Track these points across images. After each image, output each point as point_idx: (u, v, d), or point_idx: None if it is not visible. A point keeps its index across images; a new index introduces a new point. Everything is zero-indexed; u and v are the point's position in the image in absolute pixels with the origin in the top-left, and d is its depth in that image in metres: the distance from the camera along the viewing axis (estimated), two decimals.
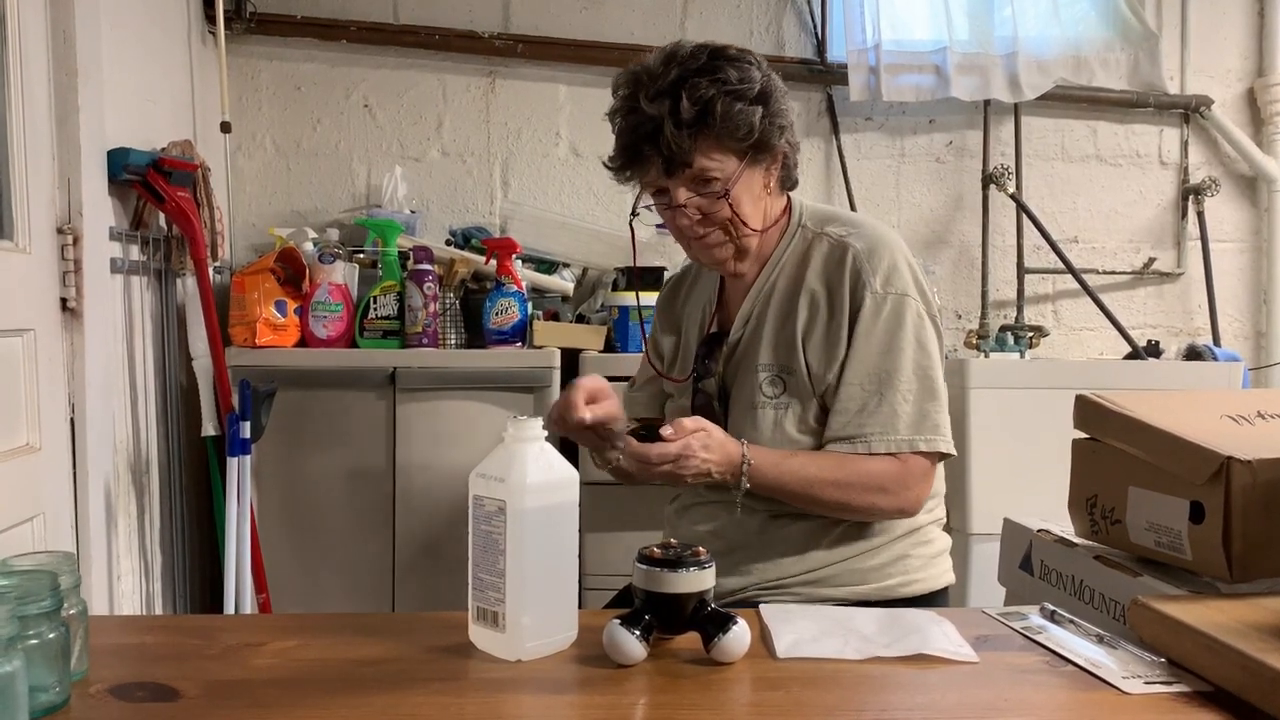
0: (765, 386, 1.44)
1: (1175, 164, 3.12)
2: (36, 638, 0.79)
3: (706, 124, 1.34)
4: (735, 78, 1.36)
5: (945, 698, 0.87)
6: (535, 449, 0.96)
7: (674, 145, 1.34)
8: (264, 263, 2.49)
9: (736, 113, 1.35)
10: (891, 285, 1.40)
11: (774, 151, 1.42)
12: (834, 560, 1.42)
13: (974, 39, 2.96)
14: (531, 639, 0.94)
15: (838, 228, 1.46)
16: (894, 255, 1.42)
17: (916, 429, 1.38)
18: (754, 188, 1.43)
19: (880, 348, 1.38)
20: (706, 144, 1.36)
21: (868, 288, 1.39)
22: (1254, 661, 0.80)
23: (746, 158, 1.39)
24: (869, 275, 1.39)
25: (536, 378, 2.43)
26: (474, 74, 2.98)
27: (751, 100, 1.36)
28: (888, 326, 1.39)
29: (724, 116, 1.34)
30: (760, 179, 1.43)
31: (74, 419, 1.94)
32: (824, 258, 1.44)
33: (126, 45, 2.21)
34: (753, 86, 1.37)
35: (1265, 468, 0.98)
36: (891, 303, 1.39)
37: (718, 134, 1.35)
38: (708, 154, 1.37)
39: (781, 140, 1.42)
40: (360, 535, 2.45)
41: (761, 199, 1.44)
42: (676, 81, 1.35)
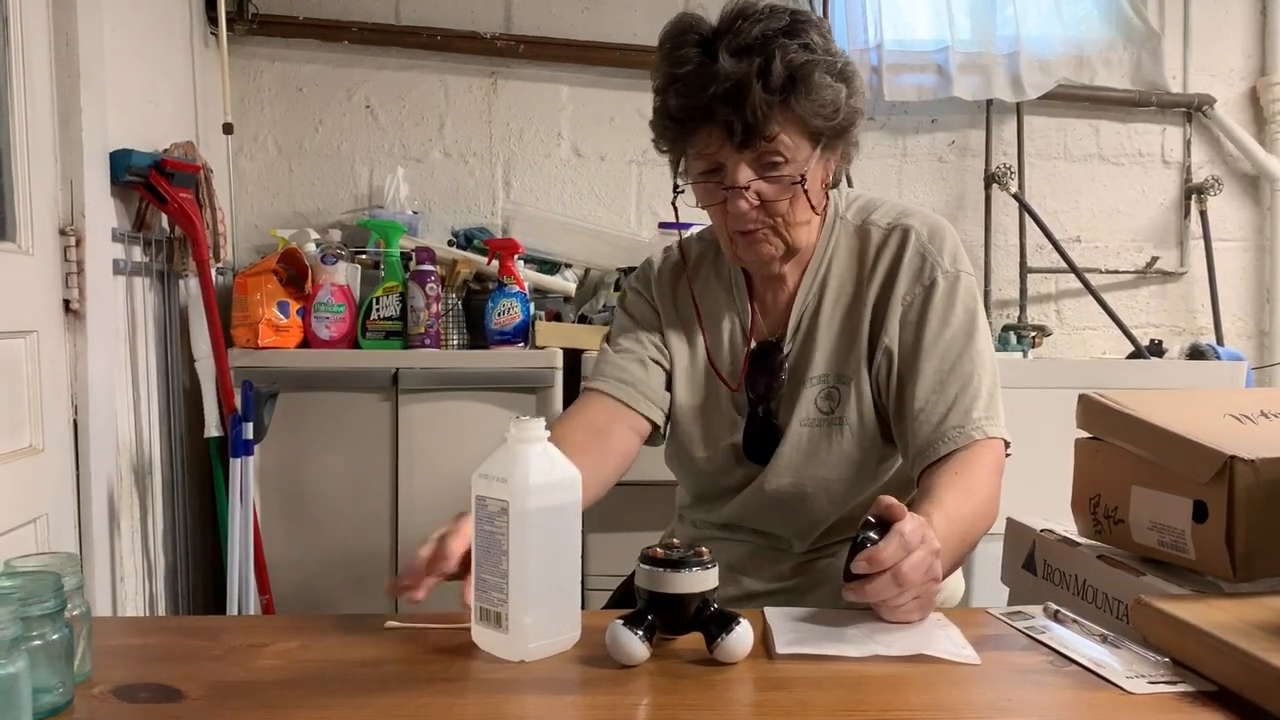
0: (820, 401, 1.30)
1: (1178, 163, 3.12)
2: (40, 639, 0.79)
3: (796, 92, 1.15)
4: (822, 47, 1.18)
5: (949, 697, 0.86)
6: (538, 449, 0.96)
7: (760, 112, 1.14)
8: (266, 264, 2.49)
9: (824, 87, 1.17)
10: (960, 264, 1.29)
11: (848, 141, 1.25)
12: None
13: (976, 38, 2.96)
14: (534, 639, 0.94)
15: (883, 215, 1.33)
16: (952, 235, 1.31)
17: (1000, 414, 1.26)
18: (820, 179, 1.26)
19: (966, 329, 1.26)
20: (788, 118, 1.17)
21: (939, 268, 1.27)
22: (1258, 661, 0.80)
23: (820, 143, 1.21)
24: (935, 255, 1.27)
25: (539, 378, 2.43)
26: (476, 74, 2.98)
27: (839, 76, 1.19)
28: (968, 304, 1.27)
29: (814, 89, 1.16)
30: (824, 171, 1.26)
31: (77, 420, 1.95)
32: (880, 245, 1.30)
33: (129, 47, 2.21)
34: (838, 61, 1.20)
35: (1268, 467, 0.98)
36: (965, 281, 1.28)
37: (802, 109, 1.17)
38: (787, 130, 1.18)
39: (855, 130, 1.24)
40: (363, 536, 2.45)
41: (821, 194, 1.28)
42: (763, 40, 1.15)
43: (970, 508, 1.15)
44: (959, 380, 1.24)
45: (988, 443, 1.22)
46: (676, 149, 1.26)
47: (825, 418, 1.30)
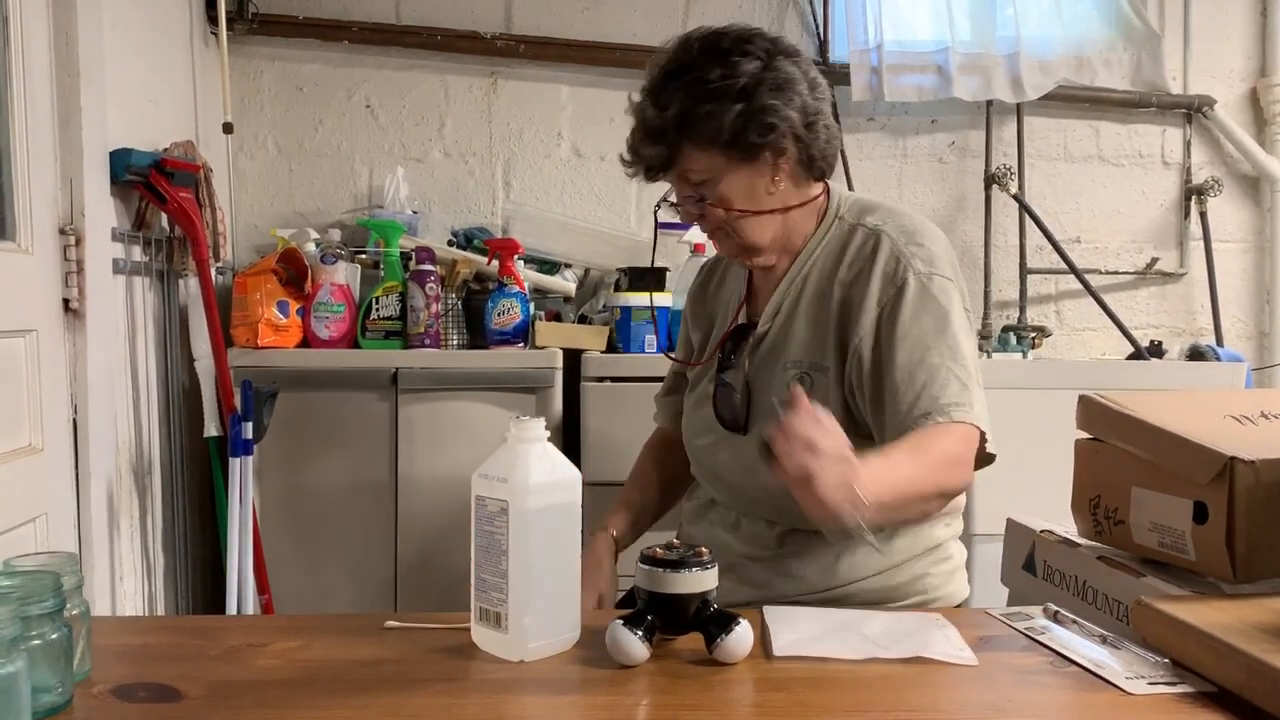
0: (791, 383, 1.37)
1: (1178, 164, 3.12)
2: (39, 638, 0.79)
3: (680, 126, 1.30)
4: (715, 75, 1.29)
5: (949, 698, 0.86)
6: (538, 449, 0.96)
7: (645, 149, 1.34)
8: (266, 263, 2.49)
9: (704, 114, 1.29)
10: (935, 267, 1.33)
11: (764, 148, 1.32)
12: (852, 579, 1.37)
13: (976, 39, 2.96)
14: (534, 639, 0.94)
15: (876, 217, 1.39)
16: (934, 240, 1.36)
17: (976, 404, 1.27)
18: (752, 186, 1.35)
19: (936, 326, 1.30)
20: (687, 145, 1.32)
21: (910, 270, 1.31)
22: (1257, 662, 0.80)
23: (732, 157, 1.32)
24: (909, 259, 1.32)
25: (539, 378, 2.43)
26: (476, 74, 2.98)
27: (730, 98, 1.29)
28: (940, 305, 1.31)
29: (689, 119, 1.30)
30: (763, 175, 1.34)
31: (76, 420, 1.95)
32: (858, 248, 1.37)
33: (129, 46, 2.21)
34: (735, 82, 1.29)
35: (1269, 468, 0.98)
36: (939, 284, 1.32)
37: (692, 136, 1.31)
38: (688, 155, 1.32)
39: (771, 136, 1.31)
40: (363, 536, 2.45)
41: (768, 194, 1.36)
42: (656, 83, 1.34)
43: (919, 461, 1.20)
44: (927, 371, 1.27)
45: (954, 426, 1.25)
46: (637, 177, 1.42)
47: None
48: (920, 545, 1.40)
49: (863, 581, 1.37)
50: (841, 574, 1.37)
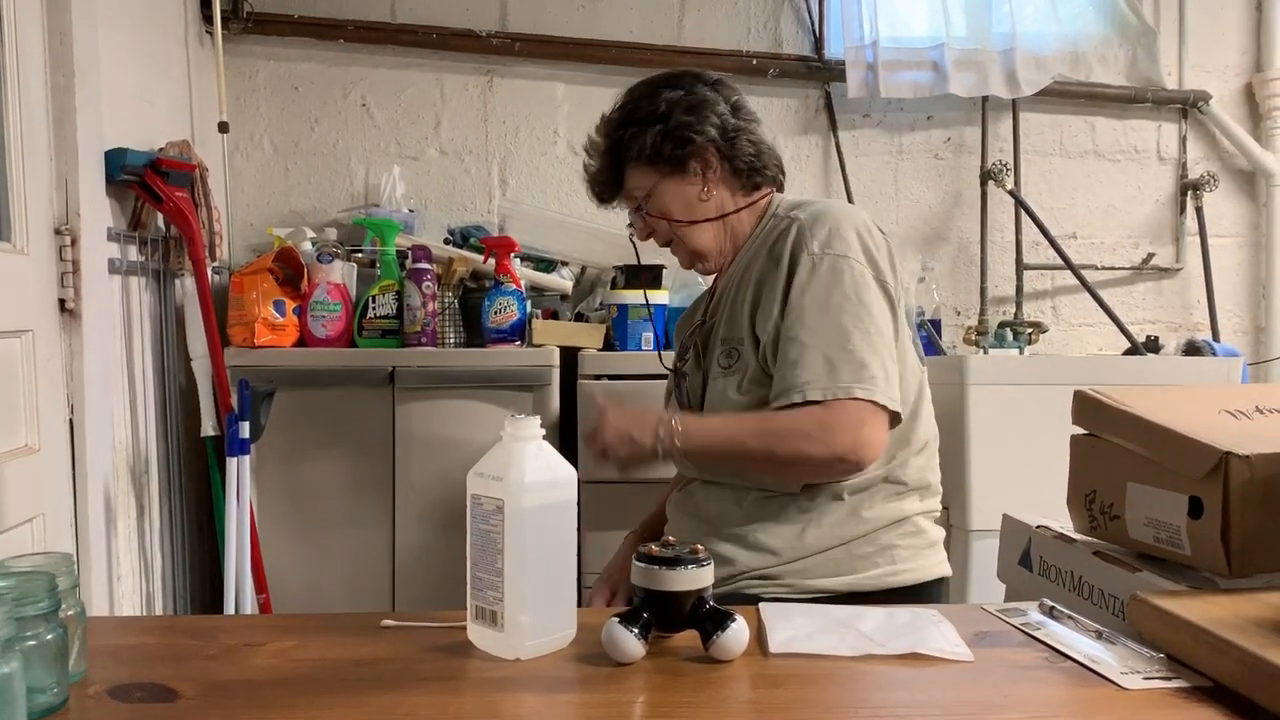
0: (721, 359, 1.51)
1: (1174, 159, 3.12)
2: (34, 639, 0.79)
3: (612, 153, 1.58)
4: (641, 107, 1.56)
5: (944, 694, 0.87)
6: (533, 448, 0.96)
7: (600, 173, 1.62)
8: (262, 262, 2.49)
9: (630, 137, 1.55)
10: (830, 247, 1.43)
11: (688, 159, 1.54)
12: (819, 549, 1.43)
13: (972, 35, 2.96)
14: (530, 638, 0.94)
15: (800, 210, 1.51)
16: (839, 223, 1.45)
17: (855, 377, 1.37)
18: (686, 195, 1.56)
19: (817, 306, 1.41)
20: (625, 166, 1.58)
21: (804, 250, 1.44)
22: (1253, 656, 0.80)
23: (663, 171, 1.55)
24: (808, 240, 1.44)
25: (535, 376, 2.43)
26: (472, 73, 2.98)
27: (650, 121, 1.54)
28: (824, 284, 1.41)
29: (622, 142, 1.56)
30: (694, 185, 1.56)
31: (73, 420, 1.94)
32: (778, 235, 1.50)
33: (124, 46, 2.20)
34: (655, 109, 1.54)
35: (1264, 463, 0.98)
36: (829, 262, 1.42)
37: (625, 156, 1.57)
38: (629, 173, 1.58)
39: (689, 148, 1.53)
40: (359, 535, 2.45)
41: (701, 203, 1.56)
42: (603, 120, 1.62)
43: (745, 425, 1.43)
44: (796, 348, 1.40)
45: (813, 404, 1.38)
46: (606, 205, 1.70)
47: (724, 371, 1.51)
48: (888, 516, 1.46)
49: (830, 550, 1.43)
50: (809, 543, 1.43)
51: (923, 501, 1.50)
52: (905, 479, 1.49)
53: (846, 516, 1.43)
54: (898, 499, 1.47)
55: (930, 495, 1.52)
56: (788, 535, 1.43)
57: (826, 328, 1.39)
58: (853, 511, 1.44)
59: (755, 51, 3.00)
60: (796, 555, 1.43)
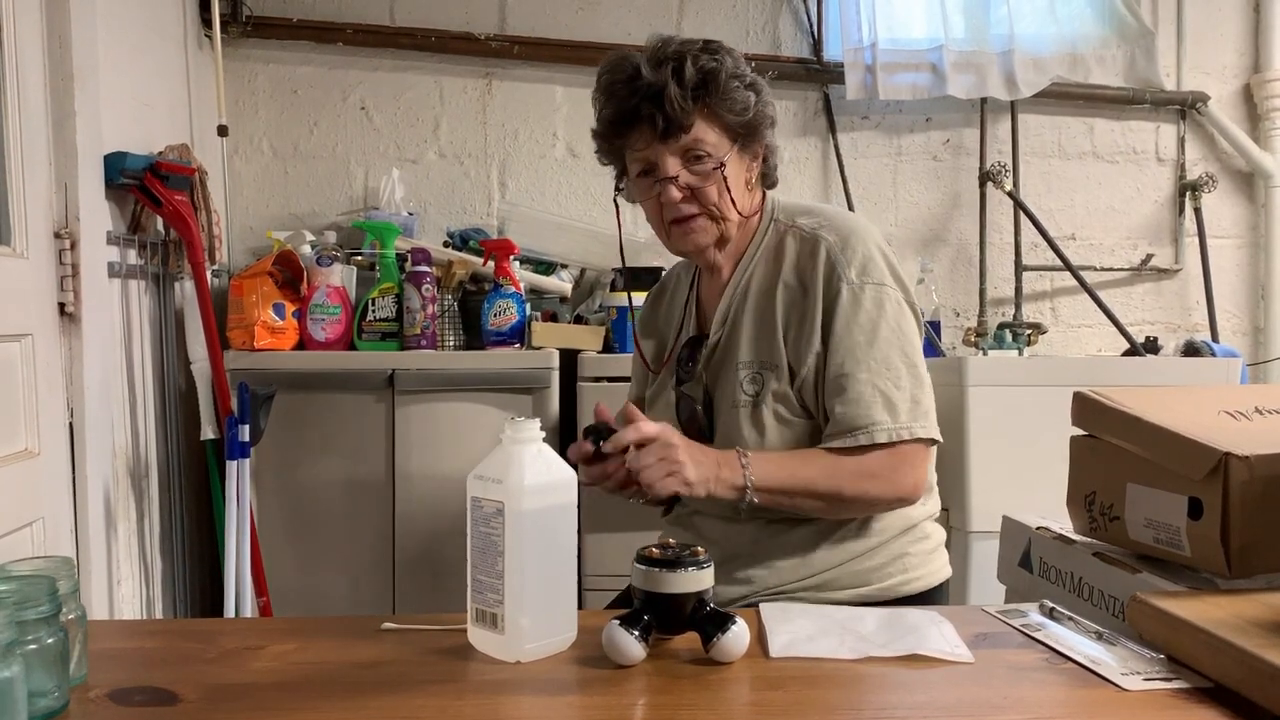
0: (745, 385, 1.43)
1: (1172, 160, 3.12)
2: (35, 643, 0.79)
3: (708, 91, 1.37)
4: (732, 61, 1.40)
5: (945, 696, 0.87)
6: (533, 450, 0.96)
7: (676, 105, 1.35)
8: (262, 266, 2.49)
9: (734, 88, 1.38)
10: (868, 275, 1.39)
11: (760, 141, 1.45)
12: (833, 564, 1.41)
13: (970, 37, 2.96)
14: (530, 640, 0.94)
15: (809, 220, 1.46)
16: (867, 245, 1.41)
17: (912, 416, 1.36)
18: (739, 175, 1.44)
19: (865, 339, 1.37)
20: (706, 114, 1.38)
21: (843, 279, 1.38)
22: (1252, 657, 0.80)
23: (738, 142, 1.42)
24: (844, 267, 1.39)
25: (535, 379, 2.43)
26: (470, 75, 2.98)
27: (747, 84, 1.40)
28: (870, 317, 1.37)
29: (725, 89, 1.37)
30: (745, 168, 1.45)
31: (73, 424, 1.94)
32: (797, 251, 1.44)
33: (123, 49, 2.21)
34: (747, 75, 1.41)
35: (1263, 463, 0.98)
36: (870, 293, 1.38)
37: (716, 106, 1.38)
38: (706, 124, 1.39)
39: (770, 132, 1.46)
40: (360, 538, 2.45)
41: (744, 189, 1.46)
42: (679, 52, 1.38)
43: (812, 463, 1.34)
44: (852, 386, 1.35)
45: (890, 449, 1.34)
46: (615, 154, 1.47)
47: (751, 399, 1.42)
48: (897, 526, 1.44)
49: (843, 566, 1.41)
50: (821, 559, 1.41)
51: (926, 505, 1.49)
52: None
53: (857, 529, 1.42)
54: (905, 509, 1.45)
55: (933, 498, 1.51)
56: (800, 554, 1.41)
57: (878, 363, 1.36)
58: (863, 524, 1.42)
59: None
60: (810, 572, 1.41)
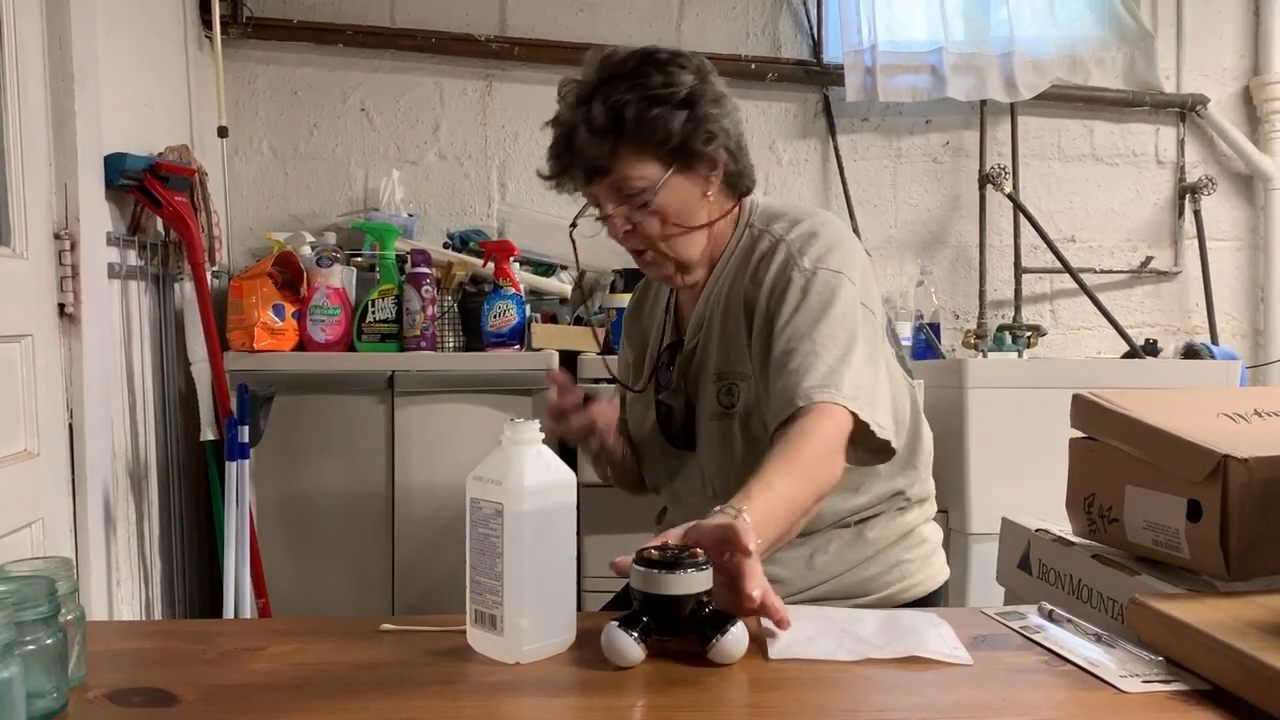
0: (722, 397, 1.38)
1: (1172, 163, 3.12)
2: (34, 643, 0.79)
3: (621, 130, 1.28)
4: (658, 82, 1.29)
5: (943, 698, 0.87)
6: (532, 451, 0.96)
7: (588, 151, 1.30)
8: (262, 267, 2.49)
9: (653, 118, 1.28)
10: (823, 263, 1.31)
11: (705, 157, 1.33)
12: (830, 575, 1.40)
13: (970, 39, 2.97)
14: (529, 641, 0.94)
15: (782, 224, 1.38)
16: (832, 240, 1.33)
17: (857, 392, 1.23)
18: (688, 197, 1.34)
19: (813, 317, 1.27)
20: (625, 151, 1.30)
21: (795, 268, 1.31)
22: (1251, 659, 0.80)
23: (672, 166, 1.31)
24: (798, 259, 1.31)
25: (535, 380, 2.43)
26: (471, 77, 2.98)
27: (675, 104, 1.29)
28: (822, 297, 1.28)
29: (638, 121, 1.28)
30: (697, 187, 1.34)
31: (72, 424, 1.94)
32: (761, 256, 1.36)
33: (123, 50, 2.21)
34: (677, 91, 1.29)
35: (1262, 466, 0.98)
36: (823, 277, 1.29)
37: (634, 140, 1.29)
38: (627, 162, 1.30)
39: (712, 146, 1.32)
40: (359, 539, 2.45)
41: (700, 207, 1.36)
42: (595, 87, 1.30)
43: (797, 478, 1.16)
44: (798, 358, 1.25)
45: (820, 408, 1.21)
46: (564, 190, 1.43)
47: (725, 411, 1.38)
48: (893, 534, 1.43)
49: (841, 576, 1.40)
50: (819, 571, 1.40)
51: (922, 509, 1.49)
52: (910, 495, 1.46)
53: (853, 539, 1.41)
54: (901, 514, 1.45)
55: (929, 502, 1.51)
56: (796, 565, 1.40)
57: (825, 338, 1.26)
58: (859, 534, 1.41)
59: (754, 55, 3.00)
60: (807, 584, 1.39)
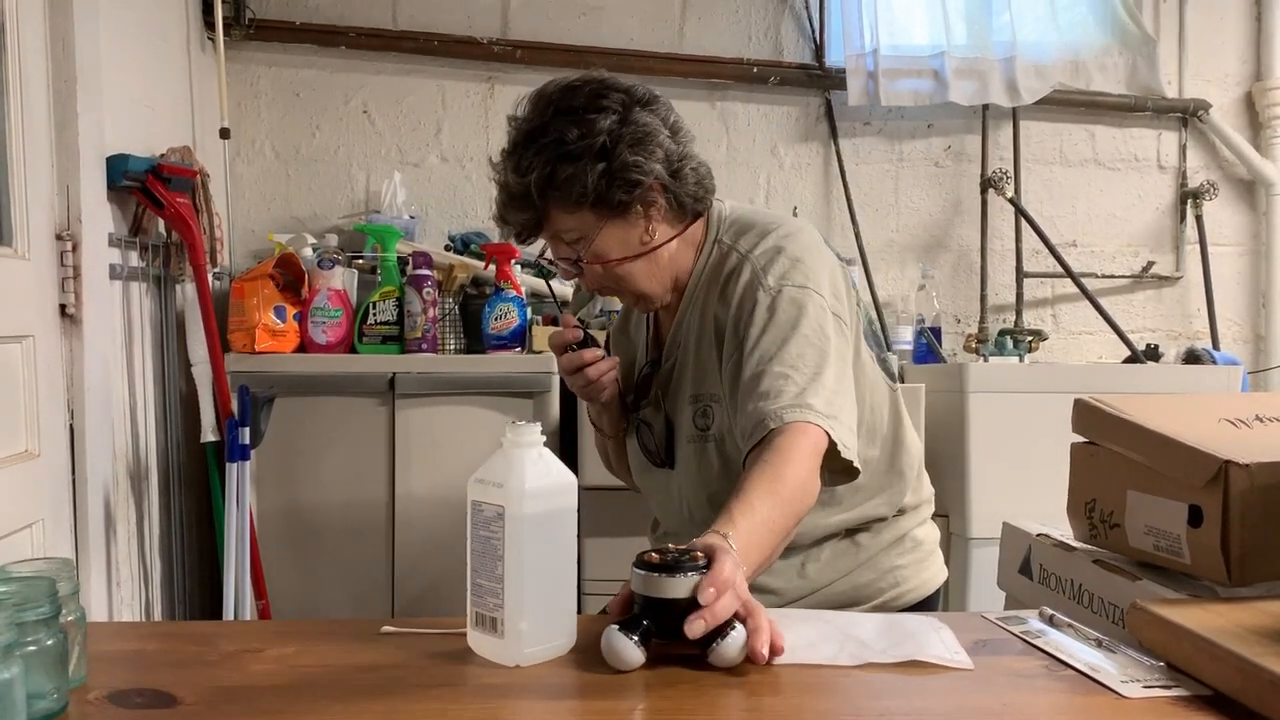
0: (697, 419, 1.37)
1: (1173, 168, 3.12)
2: (34, 644, 0.79)
3: (540, 192, 1.28)
4: (573, 136, 1.27)
5: (944, 702, 0.86)
6: (534, 454, 0.96)
7: (512, 217, 1.32)
8: (263, 268, 2.50)
9: (566, 179, 1.26)
10: (788, 279, 1.28)
11: (641, 196, 1.29)
12: (825, 582, 1.40)
13: (972, 43, 2.97)
14: (530, 645, 0.94)
15: (748, 240, 1.34)
16: (798, 255, 1.30)
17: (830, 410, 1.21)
18: (627, 238, 1.32)
19: (780, 337, 1.25)
20: (552, 209, 1.30)
21: (760, 288, 1.28)
22: (1252, 665, 0.80)
23: (606, 213, 1.29)
24: (762, 278, 1.29)
25: (535, 383, 2.44)
26: (473, 79, 2.98)
27: (591, 158, 1.26)
28: (788, 316, 1.26)
29: (550, 183, 1.27)
30: (636, 226, 1.32)
31: (73, 425, 1.94)
32: (729, 274, 1.33)
33: (126, 52, 2.21)
34: (592, 143, 1.26)
35: (1263, 471, 0.98)
36: (788, 294, 1.27)
37: (558, 199, 1.28)
38: (557, 217, 1.30)
39: (638, 191, 1.29)
40: (359, 541, 2.45)
41: (643, 244, 1.33)
42: (511, 150, 1.32)
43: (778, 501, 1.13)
44: (768, 380, 1.22)
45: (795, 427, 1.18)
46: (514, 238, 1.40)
47: (701, 434, 1.37)
48: (885, 540, 1.42)
49: (835, 583, 1.40)
50: (812, 580, 1.40)
51: (916, 514, 1.48)
52: (902, 505, 1.45)
53: (846, 547, 1.41)
54: (894, 520, 1.44)
55: (923, 506, 1.50)
56: (788, 574, 1.39)
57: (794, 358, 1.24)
58: (851, 542, 1.41)
59: (756, 59, 3.01)
60: (800, 594, 1.39)
